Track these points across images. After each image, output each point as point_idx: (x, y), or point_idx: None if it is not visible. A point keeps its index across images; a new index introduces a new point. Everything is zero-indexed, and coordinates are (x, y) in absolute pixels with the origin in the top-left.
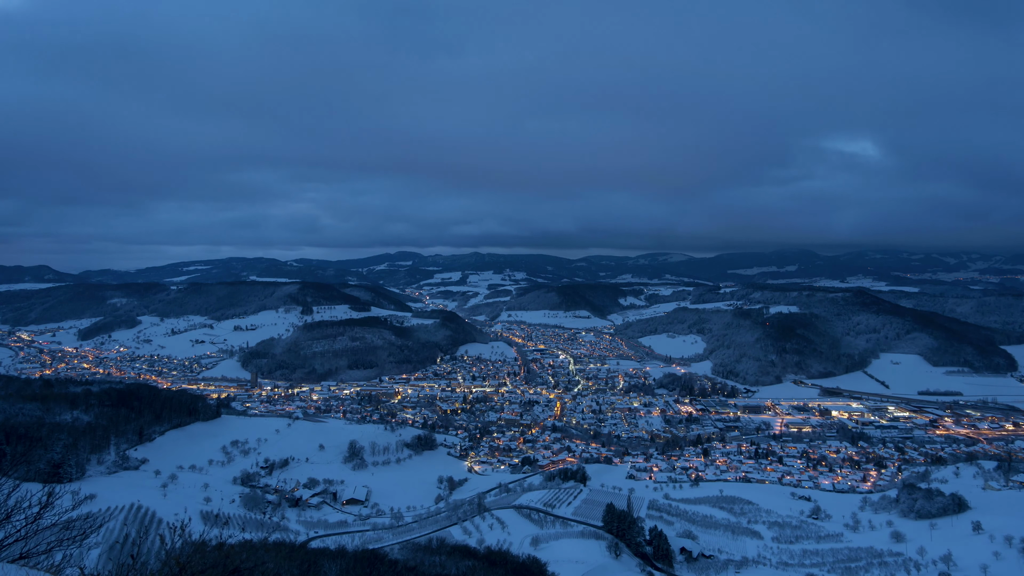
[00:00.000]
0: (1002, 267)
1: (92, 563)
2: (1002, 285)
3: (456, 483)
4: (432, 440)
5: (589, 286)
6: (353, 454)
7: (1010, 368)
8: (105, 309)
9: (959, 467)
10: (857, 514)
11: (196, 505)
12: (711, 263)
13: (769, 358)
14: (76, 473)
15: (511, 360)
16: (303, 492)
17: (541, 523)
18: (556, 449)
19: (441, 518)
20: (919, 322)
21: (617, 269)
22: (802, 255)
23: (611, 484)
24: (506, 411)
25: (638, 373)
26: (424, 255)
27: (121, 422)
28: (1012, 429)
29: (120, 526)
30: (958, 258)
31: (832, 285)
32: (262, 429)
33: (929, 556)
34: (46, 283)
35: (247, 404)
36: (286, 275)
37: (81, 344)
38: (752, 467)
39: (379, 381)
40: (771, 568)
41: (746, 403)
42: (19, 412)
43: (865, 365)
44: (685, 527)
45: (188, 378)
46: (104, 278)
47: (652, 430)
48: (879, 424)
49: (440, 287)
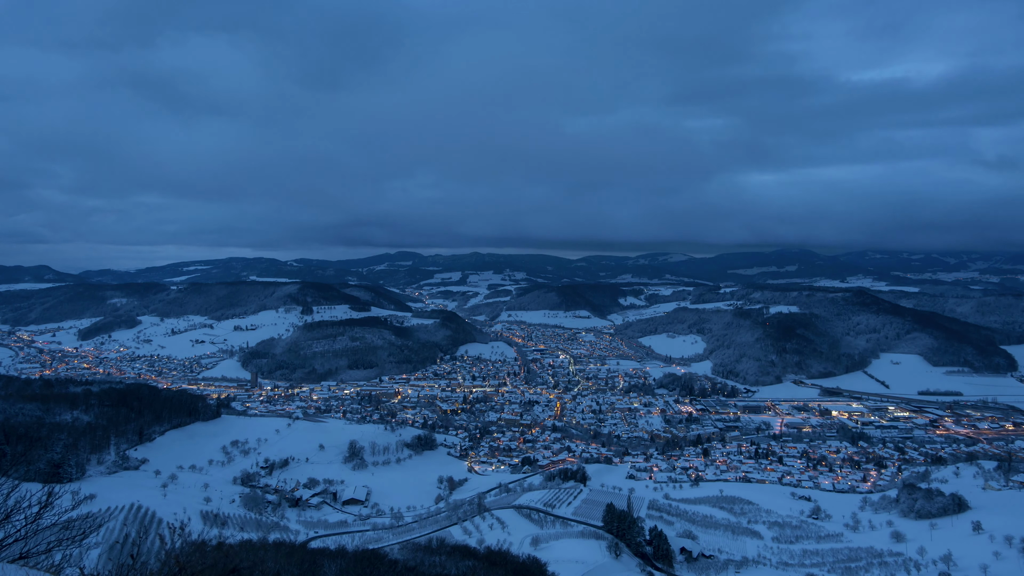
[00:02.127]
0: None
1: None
2: (1002, 285)
3: (456, 483)
4: (432, 440)
5: (589, 286)
6: (353, 454)
7: (1010, 368)
8: (105, 309)
9: (959, 467)
10: (857, 514)
11: (196, 505)
12: (711, 263)
13: (769, 358)
14: (76, 473)
15: (511, 360)
16: (303, 492)
17: (541, 523)
18: (556, 449)
19: (441, 518)
20: (919, 322)
21: (617, 269)
22: (802, 255)
23: (611, 484)
24: (506, 411)
25: (638, 373)
26: (424, 255)
27: (121, 422)
28: (1012, 429)
29: (120, 526)
30: (958, 258)
31: (832, 285)
32: (262, 429)
33: (929, 556)
34: (46, 283)
35: (247, 404)
36: (286, 275)
37: (81, 344)
38: (752, 467)
39: (379, 381)
40: (771, 568)
41: (746, 403)
42: (19, 412)
43: (865, 365)
44: (685, 527)
45: (188, 378)
46: (104, 278)
47: (652, 430)
48: (879, 424)
49: (440, 287)
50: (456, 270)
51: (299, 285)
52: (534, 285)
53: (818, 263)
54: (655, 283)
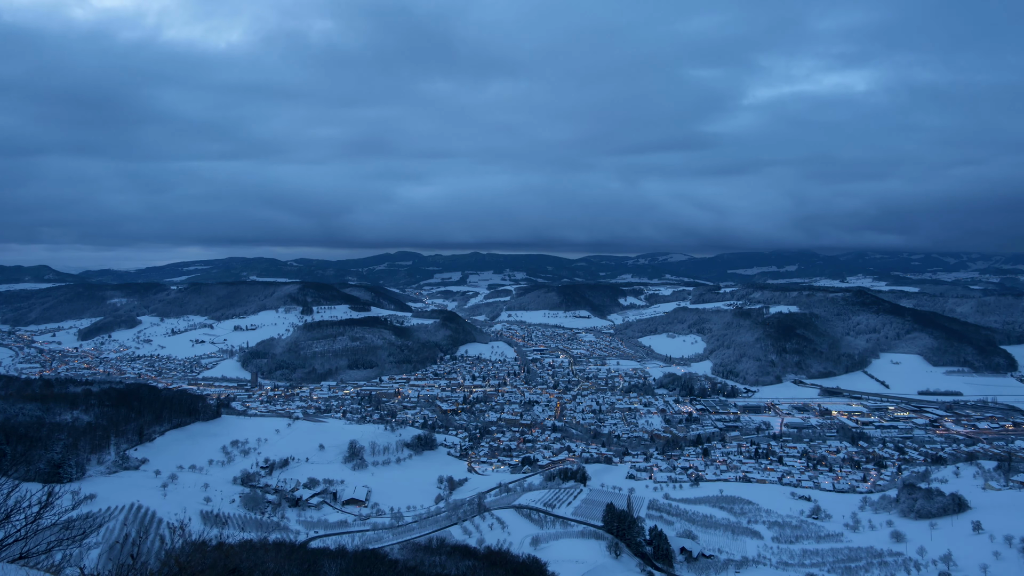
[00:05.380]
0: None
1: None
2: (1002, 285)
3: (456, 483)
4: (432, 440)
5: (589, 286)
6: (353, 454)
7: (1010, 368)
8: (105, 309)
9: (959, 467)
10: (857, 514)
11: (196, 505)
12: (711, 263)
13: (769, 358)
14: (76, 473)
15: (511, 360)
16: (303, 492)
17: (541, 523)
18: (556, 449)
19: (441, 518)
20: (919, 322)
21: (617, 269)
22: (802, 255)
23: (611, 484)
24: (506, 411)
25: (638, 373)
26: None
27: (121, 422)
28: (1012, 429)
29: (120, 526)
30: (958, 258)
31: (832, 285)
32: (262, 429)
33: (929, 556)
34: (46, 283)
35: (247, 404)
36: (286, 275)
37: (81, 344)
38: (752, 467)
39: (379, 381)
40: (771, 568)
41: (746, 403)
42: (19, 412)
43: (865, 365)
44: (685, 527)
45: (188, 378)
46: (104, 278)
47: (652, 430)
48: (879, 424)
49: (440, 287)
50: (456, 270)
51: (299, 285)
52: (534, 285)
53: (818, 263)
54: (655, 283)
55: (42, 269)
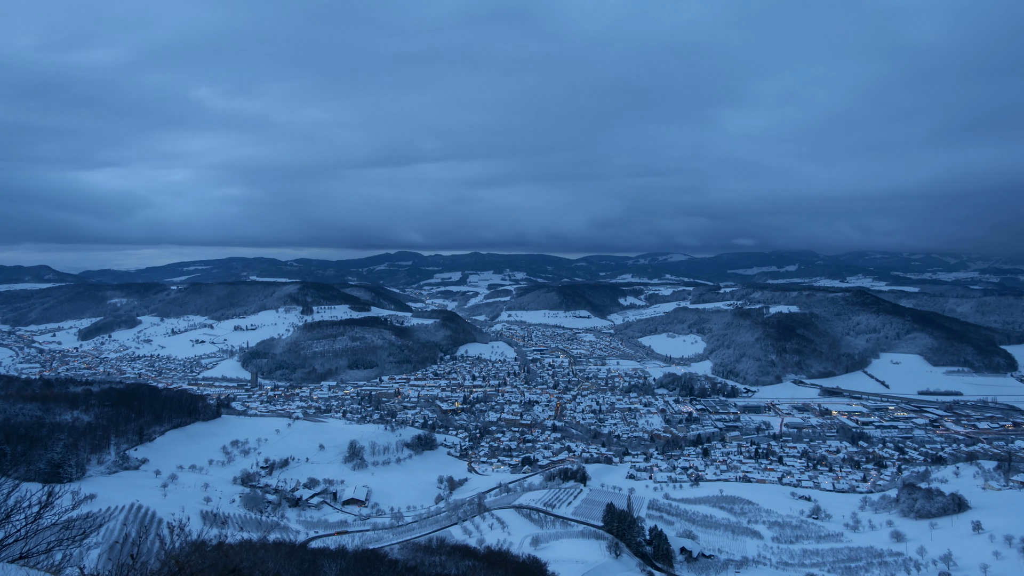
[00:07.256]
0: (1002, 267)
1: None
2: (1002, 285)
3: (456, 483)
4: (432, 440)
5: (589, 286)
6: (353, 454)
7: (1010, 368)
8: (105, 309)
9: (959, 467)
10: (857, 514)
11: (196, 505)
12: (711, 263)
13: (769, 358)
14: (76, 473)
15: (511, 360)
16: (303, 492)
17: (541, 523)
18: (556, 449)
19: (441, 518)
20: (919, 322)
21: (617, 269)
22: (802, 255)
23: (611, 484)
24: (506, 411)
25: (638, 373)
26: (424, 255)
27: (121, 422)
28: (1012, 429)
29: (120, 526)
30: (958, 258)
31: (832, 285)
32: (262, 429)
33: (929, 556)
34: (46, 283)
35: (247, 404)
36: (286, 275)
37: (81, 344)
38: (752, 467)
39: (379, 381)
40: (771, 568)
41: (746, 403)
42: (19, 412)
43: (865, 365)
44: (685, 527)
45: (188, 378)
46: (104, 278)
47: (652, 430)
48: (879, 424)
49: (440, 287)
50: (456, 270)
51: (299, 285)
52: (534, 285)
53: (818, 263)
54: (655, 283)
55: (42, 269)
